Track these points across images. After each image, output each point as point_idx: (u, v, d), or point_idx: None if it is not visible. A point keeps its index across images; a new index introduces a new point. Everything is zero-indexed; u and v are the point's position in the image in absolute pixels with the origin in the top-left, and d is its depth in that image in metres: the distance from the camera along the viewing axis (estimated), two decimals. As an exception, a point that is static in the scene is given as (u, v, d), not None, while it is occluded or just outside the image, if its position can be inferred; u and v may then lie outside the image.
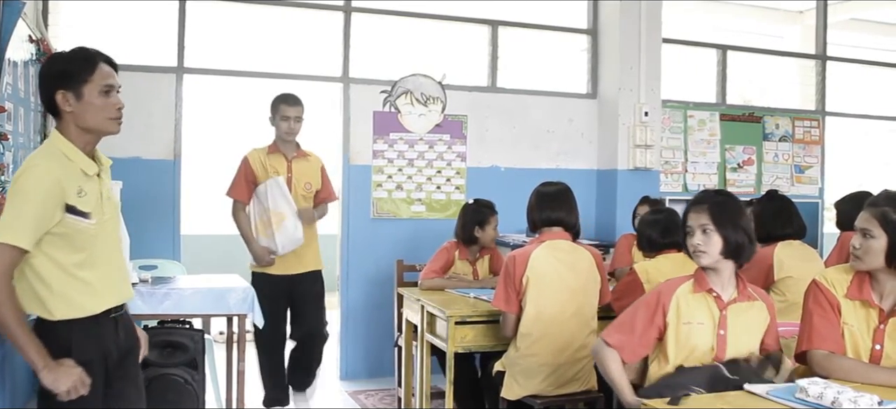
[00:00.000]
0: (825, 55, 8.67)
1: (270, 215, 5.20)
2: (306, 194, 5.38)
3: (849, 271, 3.03)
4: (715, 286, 3.01)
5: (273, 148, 5.33)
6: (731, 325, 2.98)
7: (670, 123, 7.67)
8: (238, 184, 5.28)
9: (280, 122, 5.26)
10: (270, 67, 6.58)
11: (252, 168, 5.26)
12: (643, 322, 3.02)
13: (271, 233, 5.22)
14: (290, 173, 5.31)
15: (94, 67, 2.75)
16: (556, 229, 4.19)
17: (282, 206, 5.20)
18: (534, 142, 7.30)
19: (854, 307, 2.97)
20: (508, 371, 4.16)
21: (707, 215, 2.99)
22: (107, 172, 2.91)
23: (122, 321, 2.93)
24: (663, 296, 3.03)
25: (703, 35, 8.46)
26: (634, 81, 7.26)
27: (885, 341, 2.92)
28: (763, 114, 8.16)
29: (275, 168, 5.27)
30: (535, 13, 7.48)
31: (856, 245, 2.92)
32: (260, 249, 5.26)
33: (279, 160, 5.33)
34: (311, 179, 5.41)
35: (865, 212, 2.93)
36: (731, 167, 7.94)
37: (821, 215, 8.17)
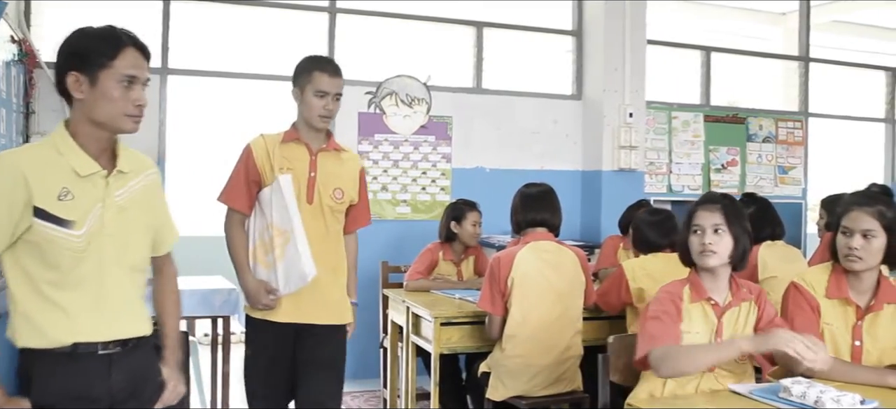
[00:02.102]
0: (808, 57, 8.73)
1: (272, 234, 3.47)
2: (335, 206, 3.58)
3: (825, 271, 3.08)
4: (713, 293, 2.95)
5: (291, 134, 3.57)
6: (727, 331, 2.93)
7: (654, 124, 7.70)
8: (235, 185, 3.56)
9: (313, 98, 3.49)
10: (255, 68, 6.58)
11: (256, 163, 3.52)
12: (670, 319, 2.87)
13: (272, 261, 3.48)
14: (313, 172, 3.54)
15: (117, 50, 2.30)
16: (540, 230, 4.20)
17: (286, 219, 3.45)
18: (519, 143, 7.31)
19: (833, 306, 3.02)
20: (494, 372, 4.17)
21: (721, 214, 2.92)
22: (135, 176, 2.41)
23: (119, 362, 2.35)
24: (675, 299, 2.91)
25: (687, 37, 8.49)
26: (619, 83, 7.28)
27: (864, 336, 2.98)
28: (747, 115, 8.20)
29: (290, 163, 3.52)
30: (519, 14, 7.49)
31: (856, 246, 2.92)
32: (254, 284, 3.50)
33: (298, 152, 3.55)
34: (343, 185, 3.61)
35: (862, 212, 2.94)
36: (715, 168, 7.98)
37: (804, 216, 8.23)
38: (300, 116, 3.58)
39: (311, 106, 3.50)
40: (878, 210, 2.93)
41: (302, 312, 3.52)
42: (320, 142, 3.60)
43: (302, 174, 3.51)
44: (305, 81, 3.51)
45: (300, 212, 3.45)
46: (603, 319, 4.49)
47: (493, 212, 5.94)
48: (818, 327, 2.99)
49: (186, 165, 8.59)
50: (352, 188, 3.66)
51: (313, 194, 3.52)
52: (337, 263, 3.63)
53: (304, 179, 3.51)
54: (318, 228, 3.52)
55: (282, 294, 3.48)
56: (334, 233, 3.61)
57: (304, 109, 3.53)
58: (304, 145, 3.56)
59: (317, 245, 3.48)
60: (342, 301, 3.65)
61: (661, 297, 2.94)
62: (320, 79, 3.49)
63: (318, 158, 3.57)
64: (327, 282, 3.55)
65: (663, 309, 2.87)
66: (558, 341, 4.12)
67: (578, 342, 4.20)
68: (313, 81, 3.49)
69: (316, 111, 3.49)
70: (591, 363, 3.57)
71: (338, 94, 3.53)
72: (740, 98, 8.64)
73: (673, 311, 2.87)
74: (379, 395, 5.97)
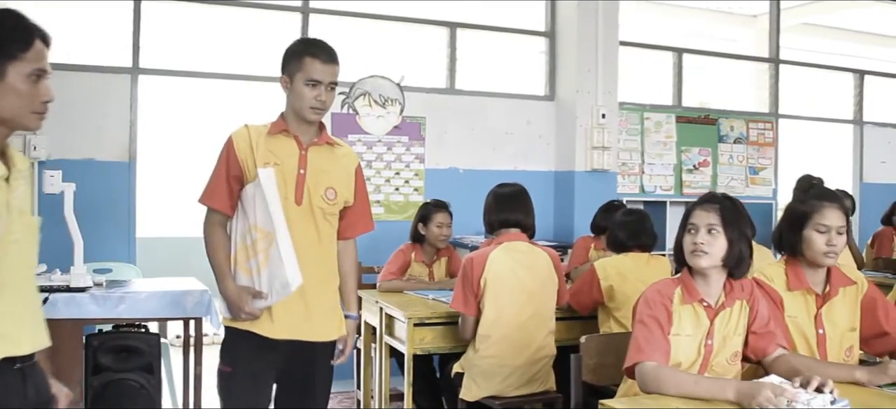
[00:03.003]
0: (778, 59, 8.81)
1: (256, 236, 3.05)
2: (326, 207, 3.19)
3: (780, 266, 3.15)
4: (705, 295, 2.86)
5: (279, 125, 3.17)
6: (718, 333, 2.87)
7: (627, 125, 7.74)
8: (216, 184, 3.15)
9: (303, 87, 3.09)
10: (228, 68, 6.54)
11: (238, 157, 3.12)
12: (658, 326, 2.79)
13: (256, 267, 3.07)
14: (302, 169, 3.14)
15: (29, 44, 2.07)
16: (513, 230, 4.21)
17: (268, 219, 3.02)
18: (492, 143, 7.32)
19: (794, 298, 3.09)
20: (467, 373, 4.17)
21: (717, 214, 2.83)
22: (24, 177, 2.18)
23: (31, 374, 2.16)
24: (666, 301, 2.84)
25: (660, 38, 8.54)
26: (592, 84, 7.30)
27: (826, 324, 3.08)
28: (718, 116, 8.27)
29: (276, 157, 3.12)
30: (493, 15, 7.50)
31: (835, 243, 3.01)
32: (235, 290, 3.09)
33: (286, 146, 3.15)
34: (336, 184, 3.22)
35: (838, 211, 3.04)
36: (687, 169, 8.03)
37: (774, 216, 8.31)
38: (289, 106, 3.17)
39: (301, 96, 3.09)
40: (846, 207, 3.09)
41: (288, 326, 3.12)
42: (311, 135, 3.20)
43: (290, 171, 3.12)
44: (295, 67, 3.10)
45: (286, 211, 3.05)
46: (576, 319, 4.51)
47: (466, 212, 5.95)
48: (783, 322, 3.05)
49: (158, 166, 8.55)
50: (346, 188, 3.26)
51: (302, 194, 3.12)
52: (330, 272, 3.25)
53: (293, 176, 3.12)
54: (307, 232, 3.12)
55: (269, 303, 3.06)
56: (327, 238, 3.22)
57: (294, 100, 3.12)
58: (293, 139, 3.15)
59: (307, 252, 3.08)
60: (333, 314, 3.25)
61: (651, 297, 2.86)
62: (312, 66, 3.09)
63: (308, 153, 3.17)
64: (318, 293, 3.16)
65: (651, 314, 2.81)
66: (531, 341, 4.13)
67: (551, 342, 4.22)
68: (304, 67, 3.08)
69: (307, 102, 3.08)
70: (564, 363, 3.59)
71: (332, 83, 3.13)
72: (712, 99, 8.72)
73: (663, 315, 2.80)
74: (353, 396, 5.96)
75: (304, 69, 3.08)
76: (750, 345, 2.92)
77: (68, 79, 5.76)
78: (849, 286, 3.15)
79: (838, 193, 4.60)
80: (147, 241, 7.35)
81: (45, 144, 5.65)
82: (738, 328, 2.91)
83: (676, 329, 2.82)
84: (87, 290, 4.50)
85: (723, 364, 2.87)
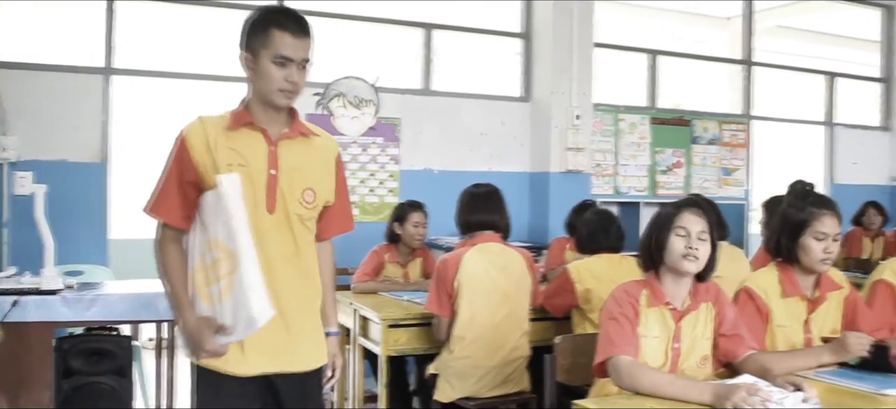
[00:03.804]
0: (751, 61, 8.88)
1: (217, 255, 2.50)
2: (305, 213, 2.67)
3: (772, 272, 3.16)
4: (671, 298, 2.86)
5: (242, 116, 2.61)
6: (685, 336, 2.86)
7: (601, 126, 7.78)
8: (166, 191, 2.60)
9: (270, 66, 2.54)
10: (204, 69, 6.51)
11: (192, 158, 2.55)
12: (628, 322, 2.79)
13: (217, 294, 2.51)
14: (273, 169, 2.60)
15: None
16: (487, 232, 4.21)
17: (232, 235, 2.46)
18: (467, 144, 7.33)
19: (786, 306, 3.12)
20: (442, 374, 4.17)
21: (706, 221, 2.84)
22: None
23: None
24: (633, 301, 2.83)
25: (634, 40, 8.59)
26: (566, 85, 7.33)
27: (813, 329, 3.13)
28: (692, 117, 8.32)
29: (241, 157, 2.56)
30: (468, 16, 7.51)
31: (831, 251, 3.06)
32: (193, 324, 2.53)
33: (252, 141, 2.60)
34: (315, 183, 2.69)
35: (835, 218, 3.09)
36: (661, 170, 8.08)
37: (746, 217, 8.38)
38: (254, 91, 2.61)
39: (268, 77, 2.54)
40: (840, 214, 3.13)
41: (265, 358, 2.59)
42: (281, 125, 2.64)
43: (258, 173, 2.56)
44: (260, 42, 2.55)
45: (256, 222, 2.52)
46: (549, 320, 4.52)
47: (441, 213, 5.94)
48: (765, 334, 3.08)
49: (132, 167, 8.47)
50: (326, 185, 2.73)
51: (275, 199, 2.58)
52: (312, 288, 2.74)
53: (262, 179, 2.56)
54: (283, 244, 2.61)
55: (234, 339, 2.51)
56: (306, 248, 2.69)
57: (260, 82, 2.56)
58: (260, 132, 2.59)
59: (284, 267, 2.60)
60: (320, 335, 2.79)
61: (619, 297, 2.85)
62: (281, 40, 2.53)
63: (279, 148, 2.61)
64: (301, 314, 2.67)
65: (621, 311, 2.80)
66: (505, 342, 4.14)
67: (525, 342, 4.22)
68: (271, 42, 2.53)
69: (275, 84, 2.54)
70: (538, 363, 3.60)
71: (305, 59, 2.57)
72: (686, 101, 8.77)
73: (631, 313, 2.80)
74: (326, 398, 5.92)
75: (272, 44, 2.53)
76: (720, 348, 2.91)
77: (40, 79, 5.70)
78: (836, 291, 3.20)
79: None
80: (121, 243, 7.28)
81: (16, 145, 5.58)
82: (706, 332, 2.90)
83: (643, 331, 2.81)
84: (57, 292, 4.46)
85: (692, 368, 2.85)
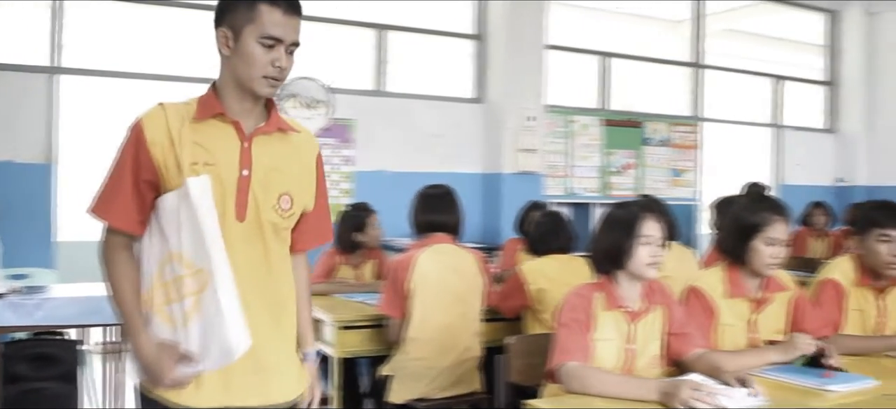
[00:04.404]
0: (700, 63, 9.00)
1: (181, 271, 2.13)
2: (280, 221, 2.25)
3: (719, 272, 3.20)
4: (626, 301, 2.88)
5: (211, 105, 2.20)
6: (639, 337, 2.89)
7: (554, 127, 7.83)
8: (117, 190, 2.18)
9: (256, 47, 2.14)
10: (154, 69, 6.42)
11: (150, 152, 2.14)
12: (580, 328, 2.80)
13: (180, 316, 2.13)
14: (246, 169, 2.18)
15: None
16: (440, 234, 4.21)
17: (202, 252, 2.11)
18: (421, 146, 7.33)
19: (732, 305, 3.15)
20: (395, 375, 4.16)
21: (665, 227, 2.88)
22: None
23: None
24: (588, 305, 2.84)
25: (587, 42, 8.66)
26: (519, 87, 7.38)
27: (758, 328, 3.17)
28: (643, 119, 8.41)
29: (209, 155, 2.16)
30: (421, 18, 7.51)
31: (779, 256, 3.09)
32: (152, 352, 2.14)
33: (222, 136, 2.19)
34: (293, 187, 2.28)
35: (786, 224, 3.13)
36: (613, 171, 8.15)
37: (696, 217, 8.49)
38: (229, 76, 2.19)
39: (251, 60, 2.13)
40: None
41: (229, 390, 2.18)
42: (257, 118, 2.23)
43: (228, 172, 2.15)
44: (243, 18, 2.13)
45: (224, 233, 2.12)
46: (502, 320, 4.53)
47: (395, 215, 5.92)
48: (711, 332, 3.11)
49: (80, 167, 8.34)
50: (305, 190, 2.32)
51: (246, 206, 2.17)
52: (286, 308, 2.32)
53: (232, 180, 2.15)
54: (254, 257, 2.20)
55: (202, 371, 2.13)
56: (280, 262, 2.28)
57: (240, 66, 2.15)
58: (232, 125, 2.18)
59: (254, 284, 2.19)
60: (293, 362, 2.36)
61: (573, 302, 2.86)
62: (270, 16, 2.13)
63: (253, 145, 2.19)
64: (272, 340, 2.25)
65: (574, 317, 2.82)
66: (458, 342, 4.14)
67: (477, 343, 4.23)
68: (258, 18, 2.12)
69: (259, 69, 2.14)
70: (491, 364, 3.60)
71: (294, 43, 2.19)
72: (637, 103, 8.87)
73: (584, 318, 2.81)
74: None
75: (258, 21, 2.12)
76: (670, 347, 2.95)
77: (-17, 78, 5.61)
78: (781, 292, 3.24)
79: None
80: (69, 245, 7.17)
81: (-41, 146, 5.48)
82: (657, 332, 2.95)
83: (598, 334, 2.83)
84: (2, 296, 4.37)
85: (645, 368, 2.89)
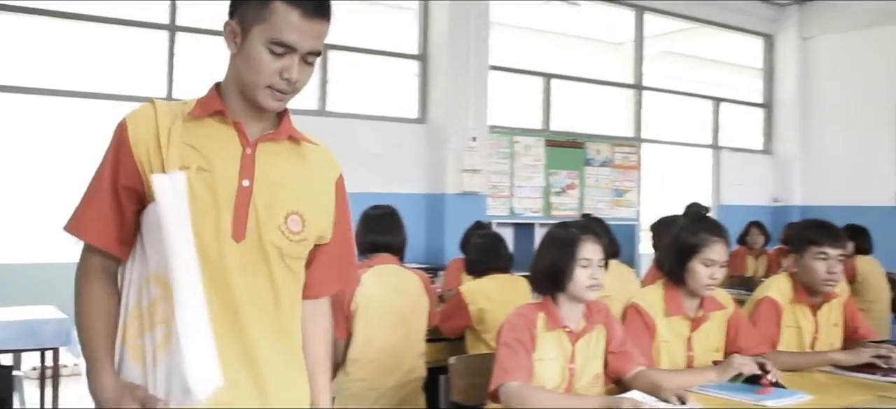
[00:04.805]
0: (641, 85, 9.14)
1: (154, 293, 1.81)
2: (286, 245, 1.87)
3: (659, 290, 3.25)
4: (568, 321, 2.90)
5: (210, 102, 1.88)
6: (579, 357, 2.91)
7: (497, 148, 7.86)
8: (95, 203, 1.84)
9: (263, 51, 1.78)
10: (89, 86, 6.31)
11: (134, 155, 1.81)
12: (522, 348, 2.80)
13: (152, 348, 1.80)
14: (246, 179, 1.84)
15: None
16: (384, 254, 4.20)
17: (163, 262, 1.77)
18: (364, 166, 7.30)
19: (670, 323, 3.20)
20: (338, 396, 4.13)
21: (603, 248, 2.90)
22: None
23: None
24: (530, 326, 2.85)
25: (529, 64, 8.73)
26: (463, 107, 7.40)
27: (695, 346, 3.22)
28: (585, 140, 8.50)
29: (201, 156, 1.81)
30: (365, 37, 7.51)
31: (717, 277, 3.14)
32: (112, 392, 1.78)
33: (221, 137, 1.86)
34: (305, 207, 1.91)
35: (724, 245, 3.18)
36: (555, 191, 8.22)
37: (637, 237, 8.59)
38: (234, 76, 1.86)
39: (256, 65, 1.78)
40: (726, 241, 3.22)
41: None
42: (265, 124, 1.90)
43: (225, 182, 1.80)
44: (254, 14, 1.78)
45: (210, 256, 1.78)
46: (444, 341, 4.53)
47: (337, 235, 5.90)
48: (651, 348, 3.16)
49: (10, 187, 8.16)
50: (321, 213, 1.95)
51: (246, 223, 1.82)
52: (294, 355, 1.95)
53: (230, 190, 1.81)
54: (256, 286, 1.84)
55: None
56: (288, 299, 1.91)
57: (243, 69, 1.81)
58: (233, 127, 1.85)
59: (255, 321, 1.83)
60: None
61: (514, 322, 2.87)
62: (285, 17, 1.75)
63: (258, 152, 1.86)
64: (280, 386, 1.89)
65: (516, 337, 2.82)
66: (401, 363, 4.12)
67: (421, 363, 4.22)
68: (270, 18, 1.75)
69: (264, 77, 1.78)
70: (434, 384, 3.60)
71: (313, 51, 1.80)
72: (579, 124, 8.96)
73: (527, 338, 2.82)
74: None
75: (270, 21, 1.76)
76: (610, 366, 2.98)
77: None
78: (718, 311, 3.29)
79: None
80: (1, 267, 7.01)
81: None
82: (598, 351, 2.97)
83: (540, 354, 2.84)
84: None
85: (586, 387, 2.92)
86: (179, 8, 6.48)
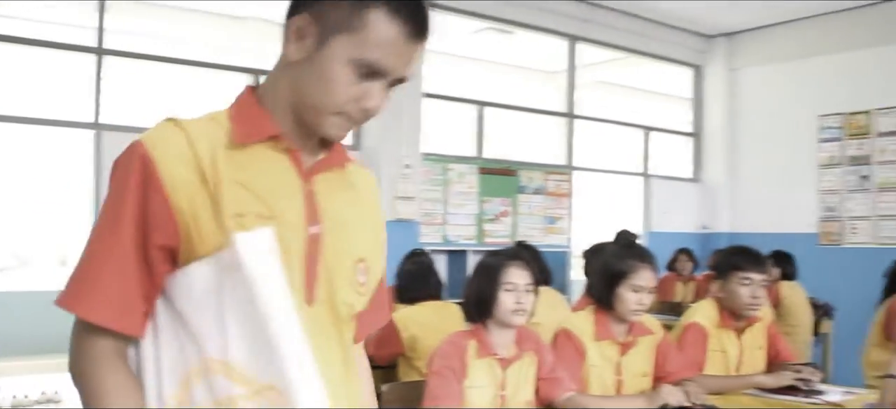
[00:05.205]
0: (573, 113, 9.24)
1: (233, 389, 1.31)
2: (356, 301, 1.52)
3: (589, 316, 3.29)
4: (498, 348, 2.92)
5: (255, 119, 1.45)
6: (511, 384, 2.93)
7: (430, 175, 7.86)
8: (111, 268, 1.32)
9: (342, 67, 1.39)
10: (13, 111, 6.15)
11: (168, 198, 1.34)
12: (453, 375, 2.83)
13: None
14: (313, 223, 1.43)
15: None
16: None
17: (269, 360, 1.31)
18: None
19: (599, 347, 3.25)
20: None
21: (530, 274, 2.94)
22: None
23: None
24: (461, 353, 2.87)
25: (462, 91, 8.77)
26: (396, 134, 7.39)
27: (624, 371, 3.28)
28: (518, 168, 8.55)
29: (259, 198, 1.37)
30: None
31: (644, 303, 3.20)
32: None
33: (274, 169, 1.43)
34: (367, 251, 1.56)
35: (652, 272, 3.24)
36: (488, 219, 8.24)
37: (569, 264, 8.67)
38: (289, 86, 1.47)
39: (330, 85, 1.41)
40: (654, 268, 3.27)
41: None
42: (312, 146, 1.52)
43: (293, 229, 1.42)
44: (339, 19, 1.40)
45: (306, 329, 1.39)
46: (377, 368, 4.49)
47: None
48: (581, 371, 3.20)
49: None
50: (378, 253, 1.64)
51: (316, 280, 1.45)
52: None
53: (299, 241, 1.43)
54: (327, 356, 1.46)
55: None
56: (353, 366, 1.58)
57: (310, 83, 1.43)
58: (287, 155, 1.46)
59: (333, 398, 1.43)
60: None
61: (445, 350, 2.90)
62: (383, 32, 1.39)
63: (316, 186, 1.48)
64: None
65: (447, 364, 2.84)
66: (332, 392, 4.07)
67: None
68: (362, 29, 1.39)
69: (335, 100, 1.42)
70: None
71: (402, 78, 1.46)
72: (512, 152, 9.02)
73: (457, 366, 2.84)
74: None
75: (362, 34, 1.39)
76: (540, 392, 3.02)
77: None
78: (647, 336, 3.35)
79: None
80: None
81: None
82: (529, 377, 3.00)
83: (471, 381, 2.86)
84: None
85: None
86: (107, 32, 6.36)
